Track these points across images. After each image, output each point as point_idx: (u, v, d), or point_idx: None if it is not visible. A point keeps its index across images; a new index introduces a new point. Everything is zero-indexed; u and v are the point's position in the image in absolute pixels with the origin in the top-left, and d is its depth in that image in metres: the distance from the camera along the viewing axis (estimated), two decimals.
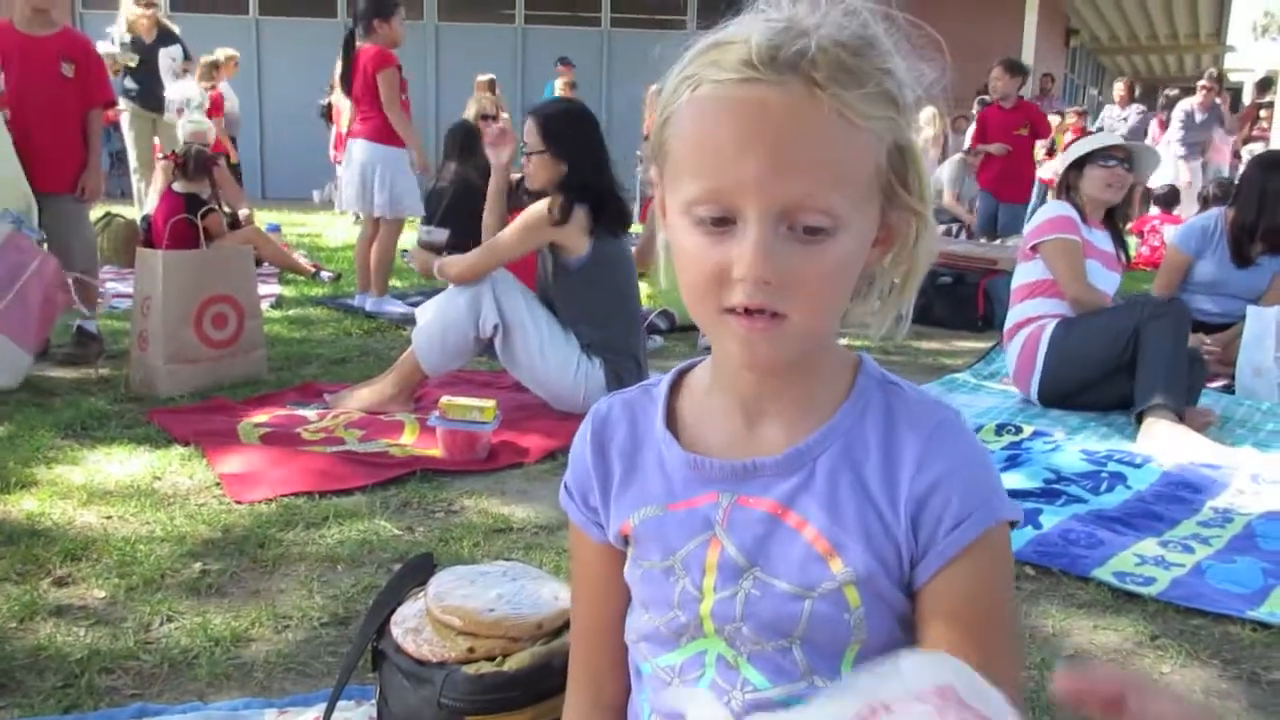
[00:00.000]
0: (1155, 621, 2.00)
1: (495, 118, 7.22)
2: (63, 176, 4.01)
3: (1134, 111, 11.65)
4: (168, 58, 7.54)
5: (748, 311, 0.76)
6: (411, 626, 1.16)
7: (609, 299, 3.35)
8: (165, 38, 7.54)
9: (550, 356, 3.28)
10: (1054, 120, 10.02)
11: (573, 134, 3.33)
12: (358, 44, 5.21)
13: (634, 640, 0.92)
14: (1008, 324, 3.80)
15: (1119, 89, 12.27)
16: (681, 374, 0.94)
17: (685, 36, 0.80)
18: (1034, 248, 3.67)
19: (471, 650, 1.11)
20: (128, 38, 7.30)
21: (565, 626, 1.16)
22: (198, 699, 1.65)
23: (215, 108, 8.75)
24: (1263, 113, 11.64)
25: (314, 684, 1.71)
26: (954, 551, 0.80)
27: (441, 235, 3.21)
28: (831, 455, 0.84)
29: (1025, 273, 3.75)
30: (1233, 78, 18.36)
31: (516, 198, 4.11)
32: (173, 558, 2.16)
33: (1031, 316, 3.67)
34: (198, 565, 2.15)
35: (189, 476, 2.71)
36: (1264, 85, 12.16)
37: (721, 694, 0.86)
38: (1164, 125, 10.95)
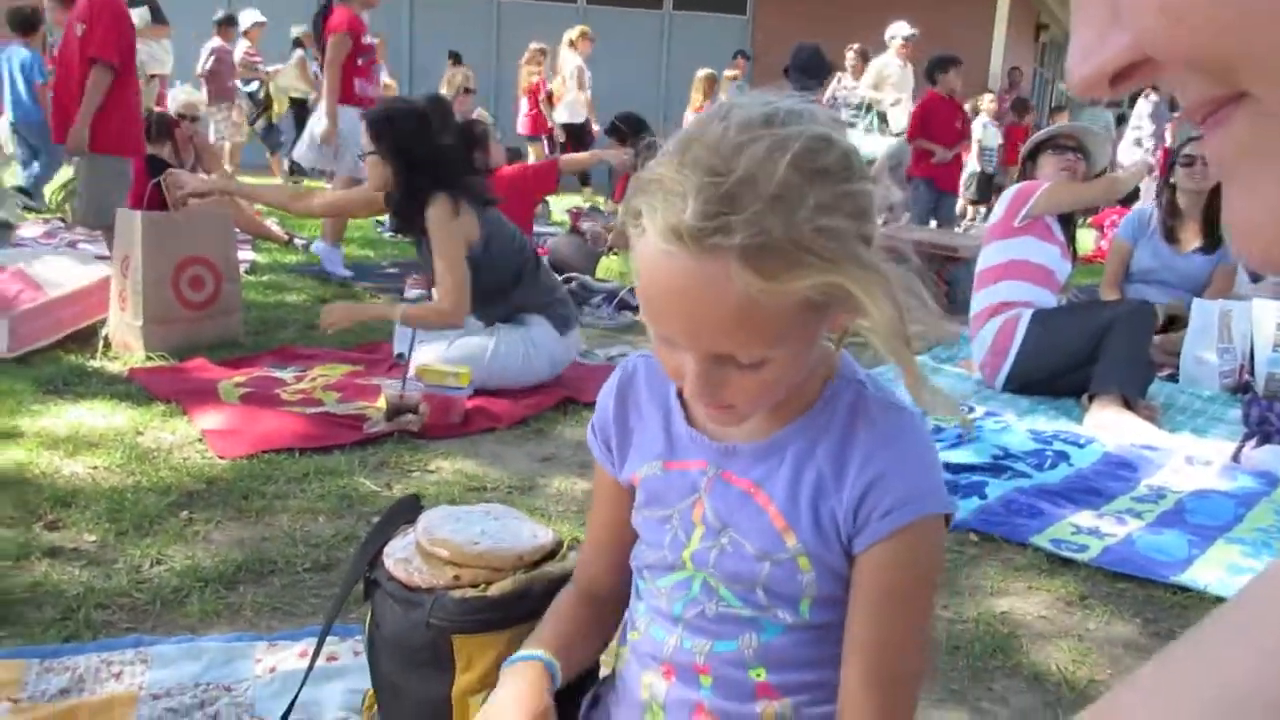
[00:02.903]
0: (1085, 584, 2.16)
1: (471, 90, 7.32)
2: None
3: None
4: (138, 19, 7.51)
5: None
6: (402, 557, 1.27)
7: (512, 262, 3.36)
8: None
9: (501, 356, 3.30)
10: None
11: (394, 133, 3.26)
12: (334, 5, 5.30)
13: (637, 566, 1.09)
14: (975, 308, 3.84)
15: (850, 58, 9.25)
16: None
17: (743, 23, 0.86)
18: (1024, 219, 3.69)
19: (457, 578, 1.22)
20: None
21: (544, 559, 1.27)
22: (190, 634, 1.75)
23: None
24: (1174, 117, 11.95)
25: (300, 623, 1.82)
26: (884, 532, 0.93)
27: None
28: (798, 448, 0.97)
29: (996, 253, 3.79)
30: None
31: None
32: (159, 507, 2.25)
33: (1006, 301, 3.70)
34: (184, 514, 2.24)
35: (171, 432, 2.79)
36: None
37: (698, 605, 1.01)
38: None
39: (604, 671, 1.20)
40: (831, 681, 0.97)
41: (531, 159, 9.06)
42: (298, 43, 10.58)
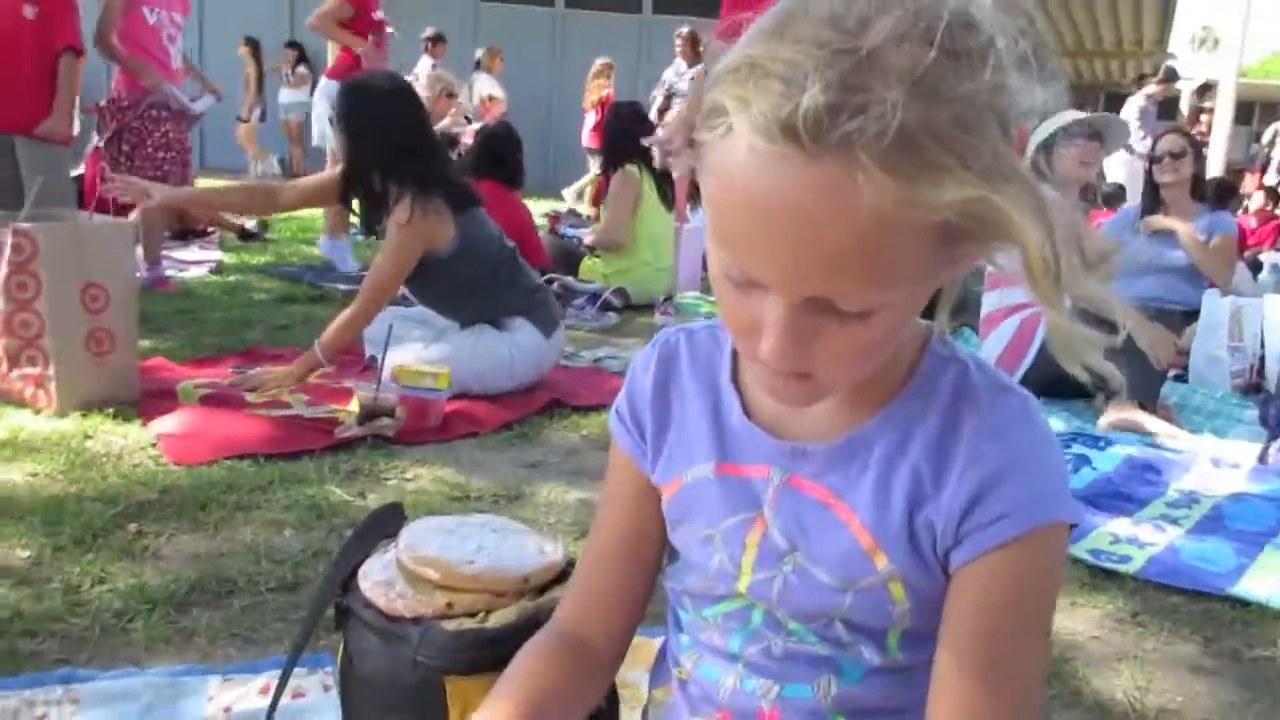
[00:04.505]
0: (1134, 599, 1.96)
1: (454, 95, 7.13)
2: (13, 116, 4.02)
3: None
4: None
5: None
6: (382, 579, 1.05)
7: (489, 261, 3.15)
8: None
9: (482, 358, 3.08)
10: None
11: (361, 111, 3.00)
12: None
13: (675, 591, 0.87)
14: (988, 308, 3.70)
15: (679, 43, 9.15)
16: None
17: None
18: None
19: (450, 605, 1.01)
20: None
21: (554, 582, 1.06)
22: (132, 665, 1.52)
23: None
24: (1203, 116, 11.93)
25: (260, 652, 1.59)
26: (993, 542, 0.72)
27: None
28: (888, 444, 0.76)
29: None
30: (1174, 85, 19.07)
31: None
32: (104, 518, 2.01)
33: (1024, 303, 3.57)
34: (132, 526, 2.00)
35: (123, 436, 2.55)
36: (1203, 90, 12.49)
37: (760, 640, 0.80)
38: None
39: None
40: None
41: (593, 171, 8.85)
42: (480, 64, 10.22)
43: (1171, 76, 10.25)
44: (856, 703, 0.80)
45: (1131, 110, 10.12)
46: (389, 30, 5.63)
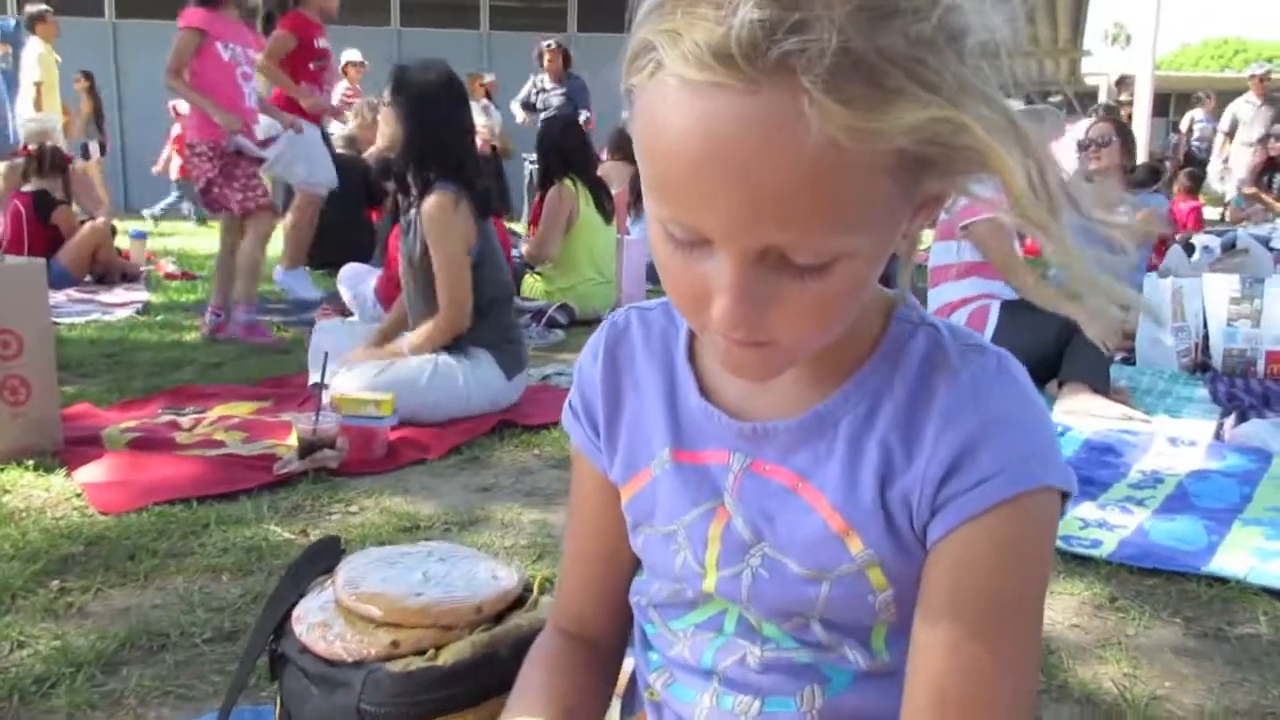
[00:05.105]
0: (1110, 583, 1.92)
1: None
2: None
3: None
4: None
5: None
6: (318, 621, 0.95)
7: (491, 290, 3.10)
8: None
9: (436, 386, 2.97)
10: None
11: (420, 91, 3.02)
12: (283, 12, 5.06)
13: (643, 605, 0.79)
14: (934, 303, 3.67)
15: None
16: None
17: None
18: (963, 228, 3.59)
19: (396, 644, 0.91)
20: None
21: (510, 609, 0.96)
22: None
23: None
24: (1122, 109, 12.23)
25: (198, 708, 1.46)
26: (972, 510, 0.65)
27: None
28: (855, 418, 0.69)
29: (951, 252, 3.65)
30: (1089, 81, 19.65)
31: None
32: (24, 576, 1.87)
33: (969, 296, 3.57)
34: (55, 584, 1.86)
35: (45, 489, 2.39)
36: (1120, 83, 12.83)
37: (735, 650, 0.73)
38: None
39: None
40: None
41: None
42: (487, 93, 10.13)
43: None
44: (845, 714, 0.72)
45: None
46: (327, 46, 5.46)
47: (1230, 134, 11.19)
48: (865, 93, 0.51)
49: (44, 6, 8.40)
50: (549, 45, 8.42)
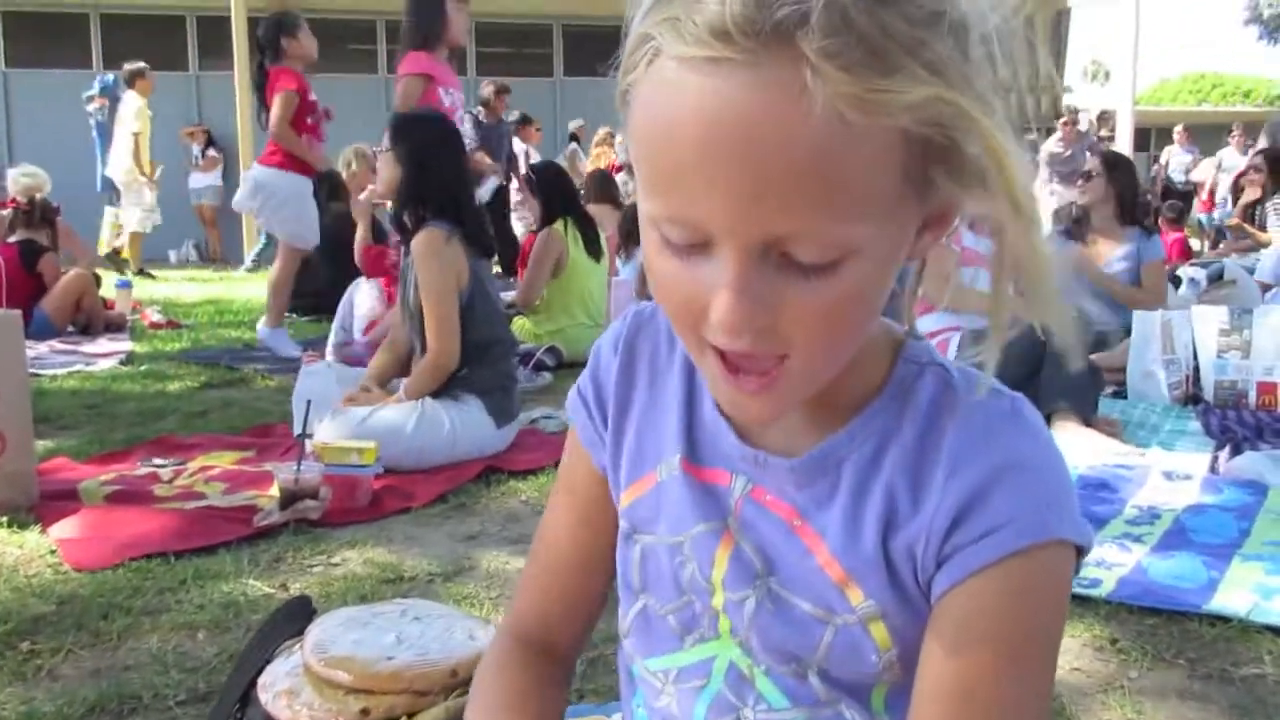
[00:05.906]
0: (1110, 624, 1.87)
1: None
2: None
3: None
4: None
5: (735, 365, 0.59)
6: (285, 689, 0.90)
7: (487, 334, 3.07)
8: None
9: (424, 433, 2.92)
10: None
11: (418, 138, 3.10)
12: (268, 67, 4.97)
13: (625, 634, 0.75)
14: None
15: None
16: None
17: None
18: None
19: (366, 712, 0.86)
20: None
21: None
22: None
23: None
24: (1104, 145, 12.40)
25: None
26: (979, 563, 0.61)
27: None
28: (860, 459, 0.66)
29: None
30: None
31: None
32: None
33: (933, 331, 3.56)
34: (24, 645, 1.80)
35: (18, 546, 2.33)
36: (1101, 119, 13.02)
37: (726, 708, 0.68)
38: None
39: None
40: None
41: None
42: (573, 137, 10.54)
43: (1072, 113, 10.75)
44: None
45: (1044, 155, 10.39)
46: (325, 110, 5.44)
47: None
48: (866, 61, 0.50)
49: (143, 64, 9.52)
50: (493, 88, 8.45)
